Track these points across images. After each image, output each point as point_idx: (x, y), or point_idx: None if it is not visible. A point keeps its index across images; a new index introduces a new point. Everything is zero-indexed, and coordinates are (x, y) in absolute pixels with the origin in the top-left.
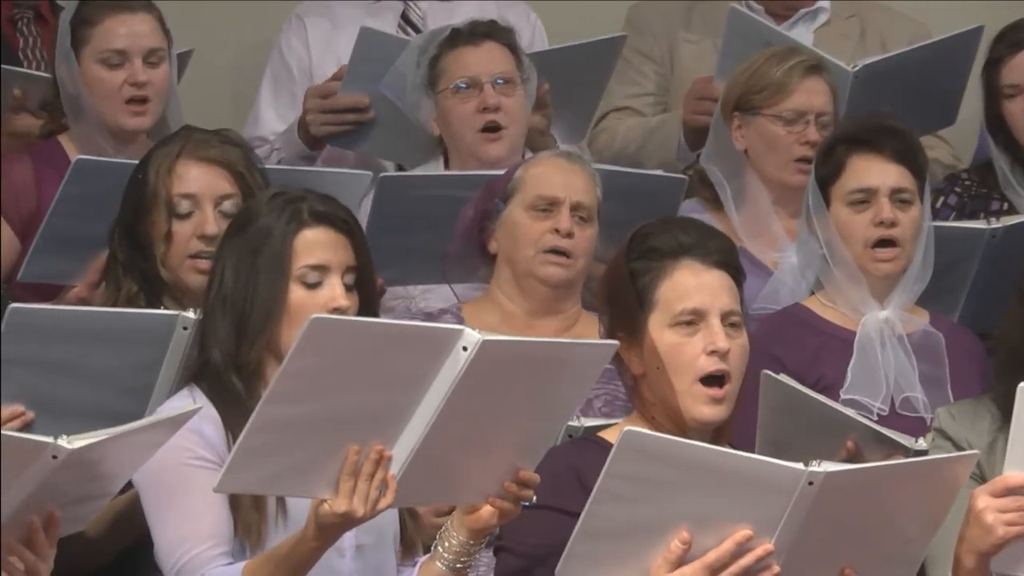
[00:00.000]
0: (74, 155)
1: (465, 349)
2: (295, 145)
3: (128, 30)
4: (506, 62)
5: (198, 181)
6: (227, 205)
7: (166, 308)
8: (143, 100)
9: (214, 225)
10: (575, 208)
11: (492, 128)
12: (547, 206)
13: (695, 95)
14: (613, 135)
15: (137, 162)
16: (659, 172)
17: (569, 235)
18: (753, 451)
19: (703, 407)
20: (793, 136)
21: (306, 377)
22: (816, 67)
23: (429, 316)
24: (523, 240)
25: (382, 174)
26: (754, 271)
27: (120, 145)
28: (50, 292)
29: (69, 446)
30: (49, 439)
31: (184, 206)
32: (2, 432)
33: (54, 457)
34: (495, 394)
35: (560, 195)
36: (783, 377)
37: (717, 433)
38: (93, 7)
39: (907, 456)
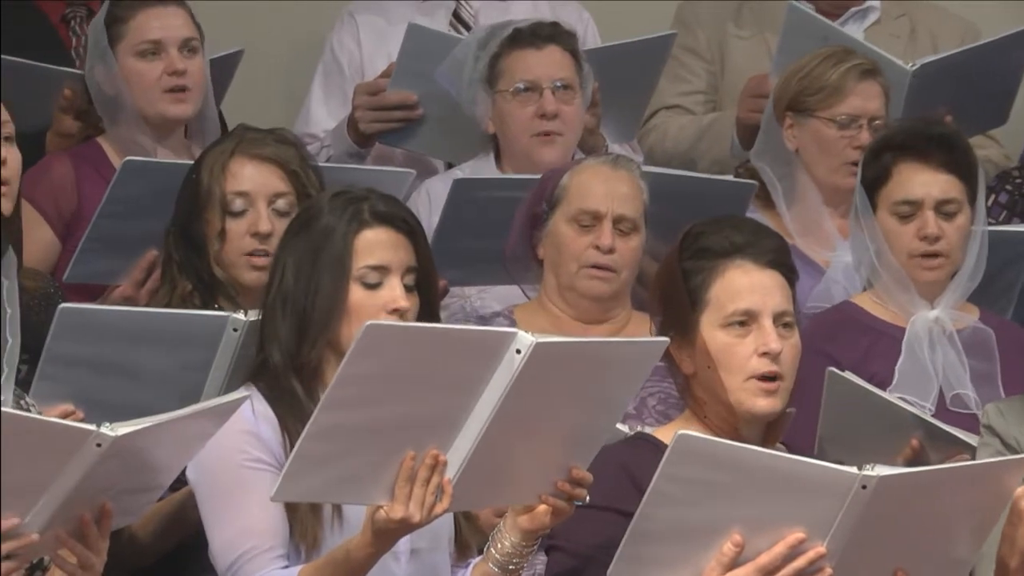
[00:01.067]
0: (113, 156)
1: (518, 352)
2: (344, 142)
3: (161, 22)
4: (567, 68)
5: (252, 179)
6: (281, 203)
7: (220, 307)
8: (183, 89)
9: (268, 223)
10: (617, 221)
11: (547, 133)
12: (590, 221)
13: (751, 93)
14: (664, 134)
15: (182, 161)
16: (728, 177)
17: (611, 251)
18: (811, 449)
19: (757, 400)
20: (846, 140)
21: (362, 383)
22: (871, 70)
23: (482, 319)
24: (566, 254)
25: (456, 176)
26: (806, 269)
27: (160, 138)
28: (95, 292)
29: (112, 433)
30: (92, 427)
31: (238, 204)
32: (46, 419)
33: (98, 445)
34: (548, 395)
35: (602, 209)
36: (848, 374)
37: (769, 429)
38: (124, 5)
39: (972, 454)
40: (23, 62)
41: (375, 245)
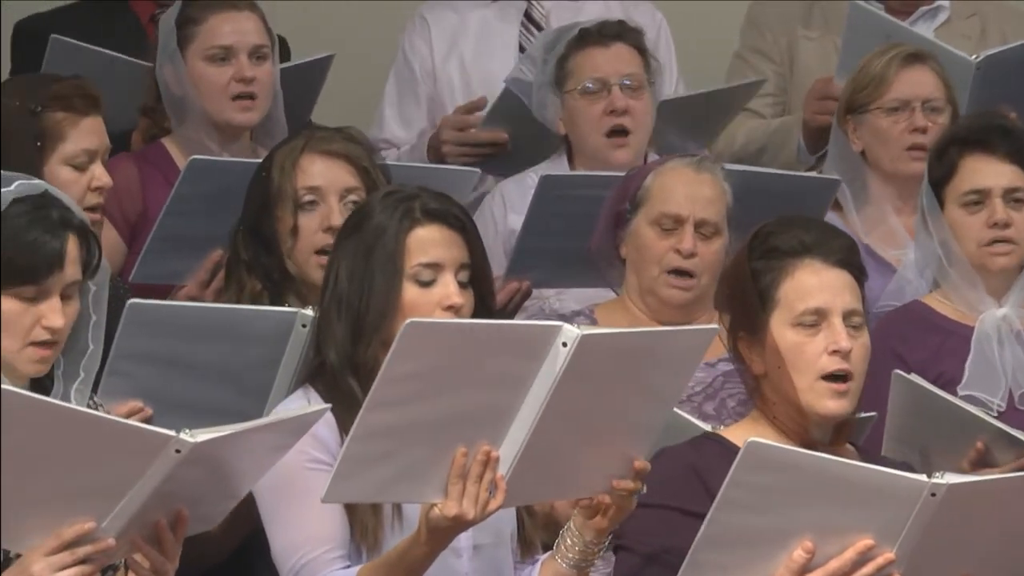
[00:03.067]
0: (178, 157)
1: (565, 345)
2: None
3: (233, 27)
4: (635, 64)
5: (323, 175)
6: (352, 199)
7: (290, 306)
8: (250, 96)
9: (340, 217)
10: (699, 225)
11: (619, 132)
12: (671, 224)
13: (816, 95)
14: (733, 137)
15: (248, 160)
16: (812, 174)
17: (692, 255)
18: (879, 450)
19: (827, 401)
20: (900, 125)
21: (406, 381)
22: (916, 55)
23: (563, 318)
24: (647, 257)
25: (543, 173)
26: (878, 269)
27: (225, 142)
28: (161, 293)
29: (192, 440)
30: (172, 432)
31: (309, 199)
32: (127, 422)
33: (177, 451)
34: (599, 387)
35: (684, 213)
36: (914, 377)
37: (839, 430)
38: (197, 6)
39: None
40: (109, 54)
41: (427, 243)
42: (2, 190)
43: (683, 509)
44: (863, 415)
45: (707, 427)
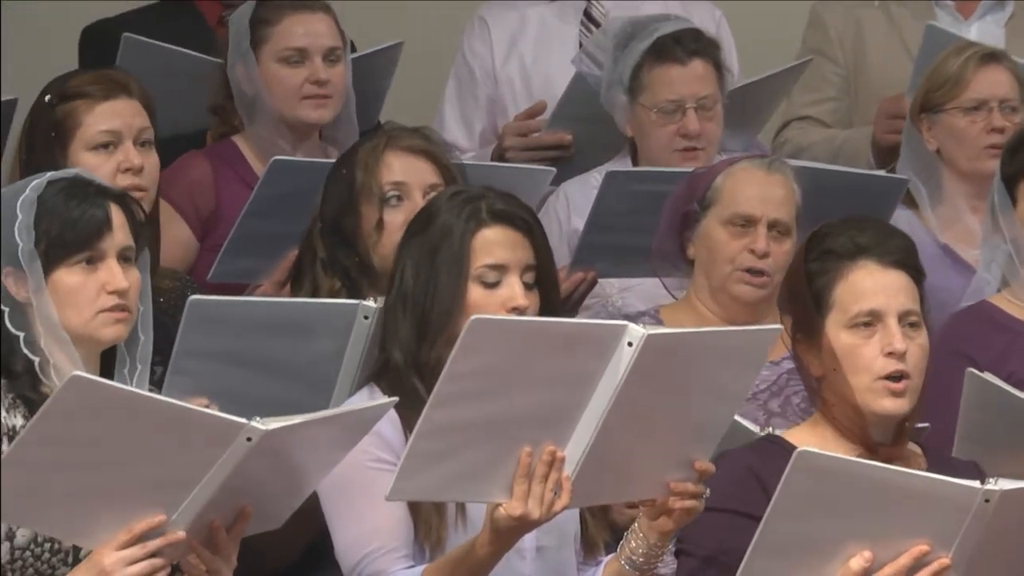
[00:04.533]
0: (250, 155)
1: (630, 344)
2: None
3: (307, 29)
4: (710, 83)
5: (406, 171)
6: (434, 195)
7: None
8: (324, 97)
9: None
10: (772, 225)
11: (689, 149)
12: (744, 223)
13: (887, 114)
14: (798, 149)
15: (328, 160)
16: (880, 172)
17: (765, 255)
18: (950, 449)
19: (884, 400)
20: (978, 125)
21: (471, 378)
22: (992, 55)
23: (628, 318)
24: (719, 257)
25: (609, 169)
26: (956, 268)
27: (297, 142)
28: (236, 291)
29: (263, 427)
30: (244, 420)
31: (394, 195)
32: (198, 409)
33: (248, 439)
34: (663, 387)
35: (757, 213)
36: (987, 375)
37: (899, 430)
38: (271, 7)
39: None
40: (179, 51)
41: (493, 244)
42: (34, 182)
43: (742, 512)
44: (919, 425)
45: (758, 430)
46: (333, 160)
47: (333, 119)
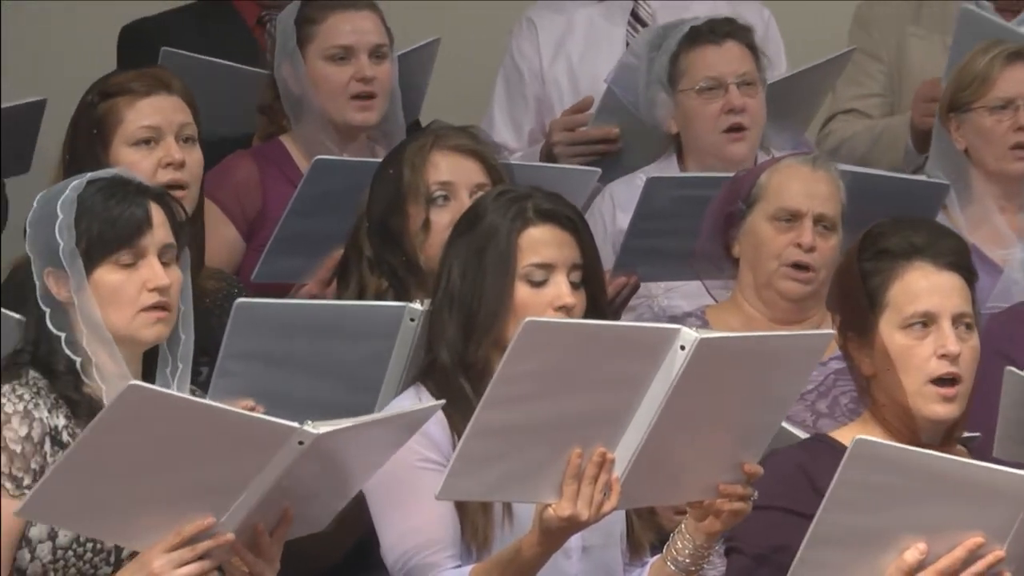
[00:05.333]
0: (297, 155)
1: (683, 348)
2: None
3: (353, 27)
4: (747, 62)
5: (453, 170)
6: (481, 194)
7: (416, 302)
8: (369, 96)
9: None
10: (818, 220)
11: (736, 128)
12: (789, 217)
13: (924, 98)
14: (840, 139)
15: (371, 160)
16: (922, 177)
17: (812, 249)
18: (991, 449)
19: (935, 406)
20: (1004, 124)
21: (523, 381)
22: (1018, 53)
23: (674, 320)
24: (765, 252)
25: (650, 175)
26: (984, 268)
27: (344, 142)
28: (282, 292)
29: (315, 431)
30: (295, 424)
31: (441, 194)
32: (251, 415)
33: (300, 443)
34: (714, 390)
35: (803, 208)
36: None
37: (948, 433)
38: (316, 6)
39: None
40: (219, 62)
41: (540, 243)
42: (74, 182)
43: (792, 510)
44: (968, 435)
45: (803, 434)
46: (378, 159)
47: (379, 120)
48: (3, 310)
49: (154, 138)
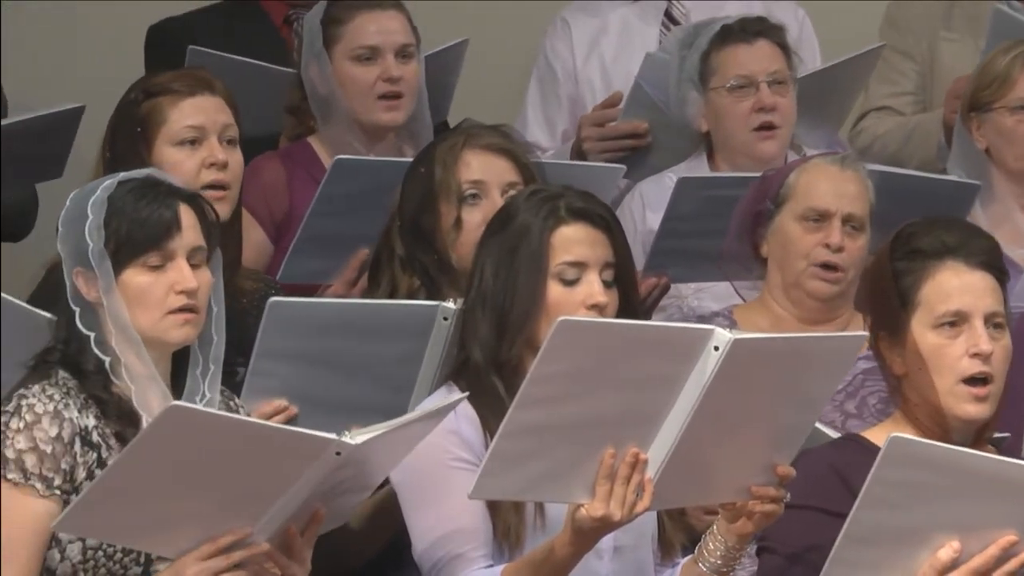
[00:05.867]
0: (324, 156)
1: (716, 349)
2: None
3: (379, 27)
4: (779, 61)
5: (485, 169)
6: (513, 193)
7: (448, 300)
8: (396, 96)
9: None
10: (846, 220)
11: (766, 127)
12: (818, 217)
13: (956, 95)
14: (872, 136)
15: (393, 160)
16: (952, 177)
17: (840, 249)
18: (1020, 450)
19: (967, 405)
20: None
21: (556, 380)
22: None
23: (702, 320)
24: (793, 252)
25: (681, 176)
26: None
27: (371, 142)
28: (307, 292)
29: (353, 442)
30: (333, 436)
31: (472, 193)
32: (289, 429)
33: (337, 454)
34: (748, 391)
35: (832, 207)
36: None
37: (979, 433)
38: (342, 6)
39: None
40: (247, 61)
41: (572, 241)
42: (105, 182)
43: (825, 509)
44: (998, 435)
45: (835, 434)
46: (398, 159)
47: (406, 120)
48: (30, 307)
49: (198, 138)
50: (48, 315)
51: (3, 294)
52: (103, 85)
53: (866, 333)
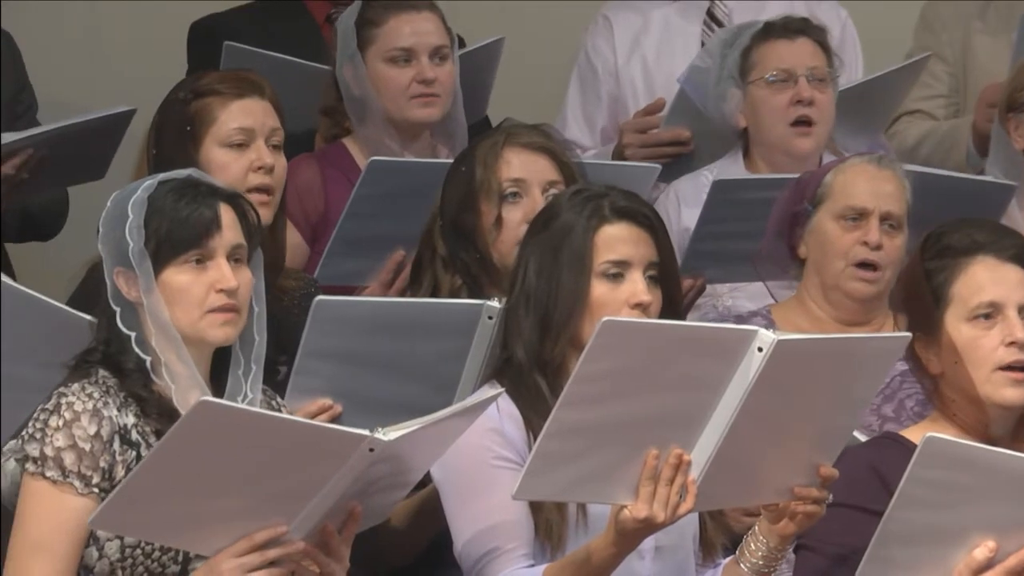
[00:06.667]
0: (359, 157)
1: (760, 350)
2: None
3: (413, 28)
4: (819, 58)
5: (525, 167)
6: (554, 191)
7: (491, 299)
8: (431, 96)
9: None
10: (884, 218)
11: (804, 122)
12: (856, 216)
13: (987, 102)
14: (903, 140)
15: (428, 160)
16: (989, 178)
17: (878, 247)
18: None
19: (1006, 391)
20: None
21: (601, 380)
22: None
23: (739, 319)
24: (832, 252)
25: (716, 178)
26: None
27: (406, 142)
28: (345, 293)
29: (385, 438)
30: (366, 432)
31: (513, 191)
32: (322, 425)
33: (371, 450)
34: (791, 392)
35: (869, 206)
36: None
37: (1019, 423)
38: (377, 8)
39: None
40: (283, 57)
41: (616, 240)
42: (146, 182)
43: (865, 508)
44: None
45: (863, 438)
46: (433, 160)
47: (442, 118)
48: (71, 309)
49: (245, 141)
50: (88, 317)
51: (42, 296)
52: (131, 85)
53: (908, 334)
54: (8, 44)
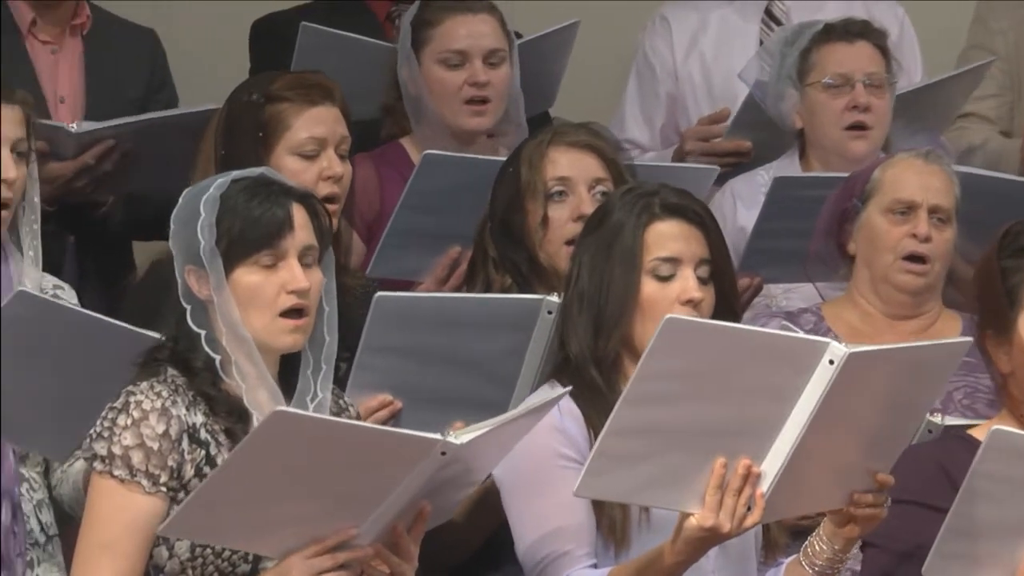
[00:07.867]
0: (416, 158)
1: (831, 362)
2: None
3: (468, 31)
4: (877, 63)
5: (571, 165)
6: (601, 189)
7: None
8: (483, 100)
9: (591, 207)
10: (933, 211)
11: (859, 127)
12: (905, 209)
13: None
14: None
15: (482, 157)
16: None
17: (927, 239)
18: None
19: None
20: None
21: (663, 379)
22: None
23: (790, 315)
24: (881, 245)
25: (776, 175)
26: None
27: (462, 147)
28: (398, 288)
29: (457, 442)
30: (438, 436)
31: (559, 190)
32: (394, 431)
33: (443, 454)
34: (858, 403)
35: (918, 199)
36: None
37: None
38: (434, 8)
39: None
40: (358, 38)
41: (666, 237)
42: (218, 180)
43: (932, 506)
44: None
45: (938, 419)
46: (487, 156)
47: (495, 124)
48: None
49: (317, 151)
50: (158, 335)
51: (113, 320)
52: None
53: (970, 339)
54: (151, 41)
